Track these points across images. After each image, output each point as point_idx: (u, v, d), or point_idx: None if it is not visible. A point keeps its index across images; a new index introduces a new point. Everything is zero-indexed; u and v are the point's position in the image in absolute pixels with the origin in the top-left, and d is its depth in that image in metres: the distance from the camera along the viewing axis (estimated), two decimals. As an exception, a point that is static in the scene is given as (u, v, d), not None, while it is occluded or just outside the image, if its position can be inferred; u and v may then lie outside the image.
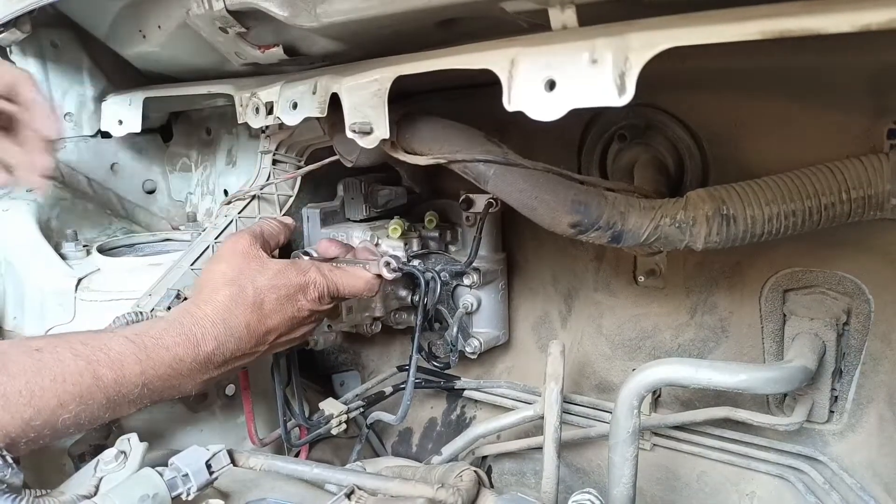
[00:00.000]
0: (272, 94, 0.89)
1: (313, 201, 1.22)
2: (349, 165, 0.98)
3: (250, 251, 0.89)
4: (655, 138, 1.03)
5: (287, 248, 1.14)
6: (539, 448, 0.95)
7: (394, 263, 0.95)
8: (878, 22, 0.42)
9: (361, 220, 1.18)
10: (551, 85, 0.57)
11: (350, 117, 0.77)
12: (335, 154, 0.99)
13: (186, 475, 0.66)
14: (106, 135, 1.27)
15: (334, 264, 0.97)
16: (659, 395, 1.11)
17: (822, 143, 0.87)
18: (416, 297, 1.08)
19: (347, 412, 1.11)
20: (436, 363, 1.18)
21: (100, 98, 1.28)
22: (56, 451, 0.89)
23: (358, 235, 1.12)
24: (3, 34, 1.08)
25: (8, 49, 1.20)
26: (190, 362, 0.80)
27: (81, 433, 0.77)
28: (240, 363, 0.88)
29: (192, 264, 0.98)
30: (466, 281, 1.15)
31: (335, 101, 0.79)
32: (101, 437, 0.92)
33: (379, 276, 0.95)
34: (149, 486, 0.63)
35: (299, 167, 1.13)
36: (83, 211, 1.28)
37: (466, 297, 1.18)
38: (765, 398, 1.03)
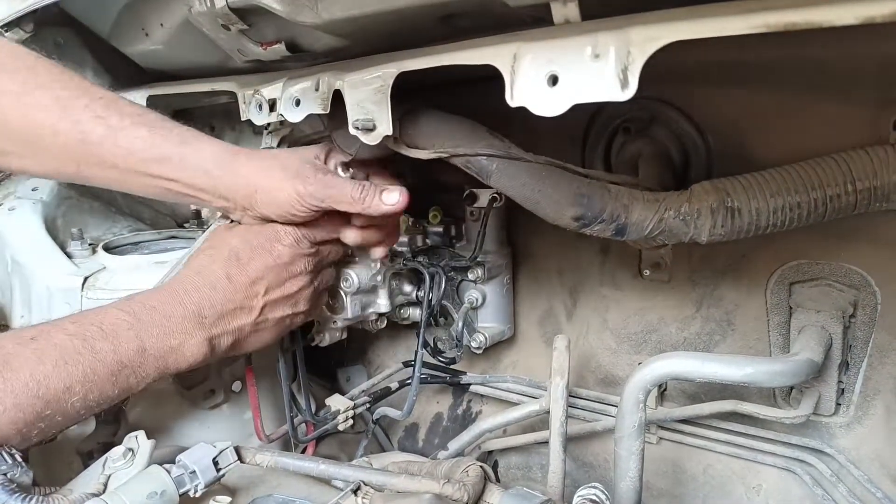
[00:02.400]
0: (275, 90, 0.89)
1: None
2: (348, 160, 0.98)
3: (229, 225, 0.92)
4: (660, 131, 1.03)
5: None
6: (545, 442, 0.95)
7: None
8: (883, 14, 0.42)
9: (365, 216, 1.18)
10: (554, 80, 0.57)
11: (353, 114, 0.77)
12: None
13: (194, 472, 0.67)
14: (110, 133, 1.27)
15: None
16: (665, 389, 1.11)
17: (828, 134, 0.86)
18: (421, 293, 1.08)
19: (354, 408, 1.11)
20: (441, 358, 1.18)
21: (103, 96, 1.28)
22: (64, 449, 0.90)
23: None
24: (6, 33, 1.08)
25: (11, 48, 1.20)
26: (180, 318, 0.80)
27: (92, 415, 0.77)
28: (238, 321, 0.85)
29: (197, 262, 0.98)
30: (471, 276, 1.15)
31: (338, 98, 0.79)
32: (108, 434, 0.93)
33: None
34: (157, 484, 0.64)
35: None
36: (89, 209, 1.28)
37: (471, 292, 1.18)
38: (771, 391, 1.03)
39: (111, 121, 0.84)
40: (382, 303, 1.08)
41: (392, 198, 0.86)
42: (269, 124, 1.05)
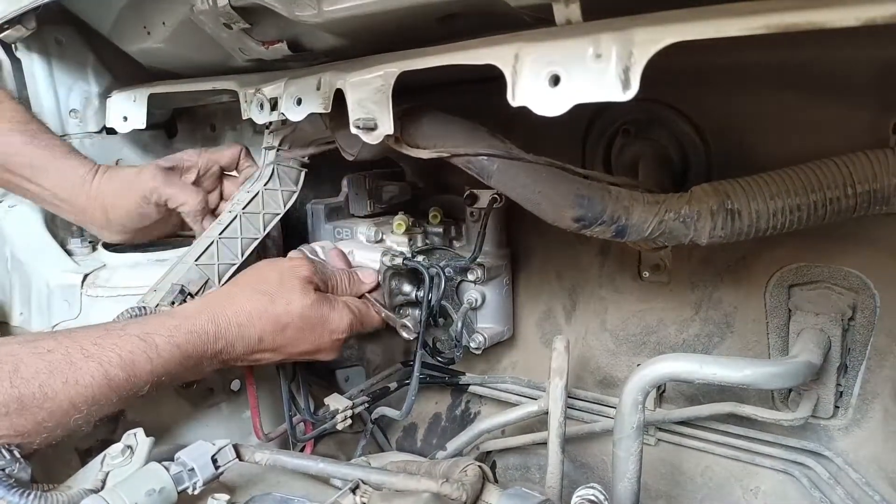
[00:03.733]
0: (276, 89, 0.89)
1: (318, 197, 1.22)
2: (350, 159, 0.98)
3: (303, 276, 0.91)
4: (660, 133, 1.03)
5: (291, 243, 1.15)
6: (543, 443, 0.95)
7: (410, 327, 1.03)
8: (883, 16, 0.42)
9: (366, 216, 1.18)
10: (555, 80, 0.57)
11: (354, 113, 0.77)
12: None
13: (192, 470, 0.67)
14: (111, 131, 1.27)
15: (366, 300, 1.01)
16: (663, 391, 1.11)
17: (828, 137, 0.86)
18: (421, 293, 1.08)
19: (352, 407, 1.11)
20: (440, 359, 1.18)
21: (104, 95, 1.28)
22: (63, 446, 0.90)
23: (362, 231, 1.12)
24: (7, 31, 1.09)
25: (13, 46, 1.21)
26: (198, 357, 0.81)
27: (91, 429, 0.78)
28: (254, 357, 0.89)
29: (196, 259, 0.98)
30: (471, 276, 1.15)
31: (339, 97, 0.79)
32: (107, 431, 0.92)
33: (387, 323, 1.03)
34: (155, 481, 0.64)
35: (303, 163, 1.13)
36: (89, 207, 1.28)
37: (471, 293, 1.18)
38: (769, 393, 1.03)
39: None
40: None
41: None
42: (270, 123, 1.06)
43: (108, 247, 1.13)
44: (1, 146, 0.93)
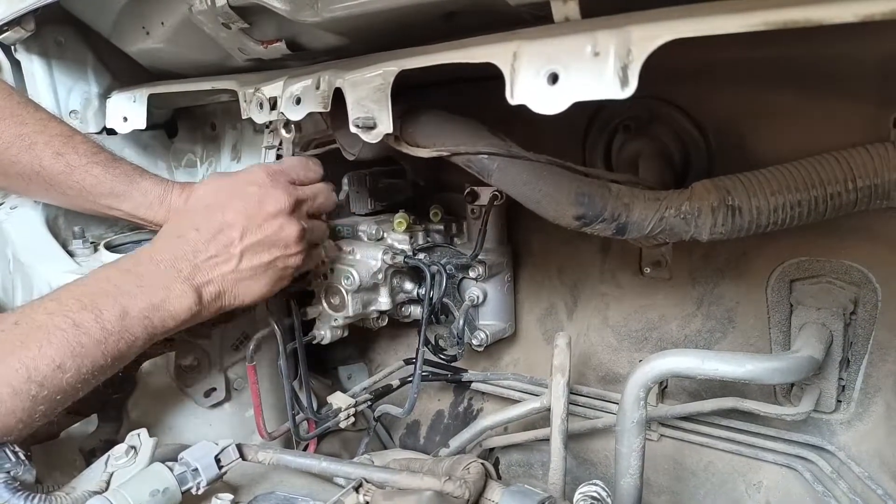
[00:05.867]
0: (275, 89, 0.89)
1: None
2: (351, 159, 0.98)
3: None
4: (660, 130, 1.03)
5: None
6: (546, 440, 0.95)
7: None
8: (882, 12, 0.42)
9: (366, 214, 1.18)
10: (554, 78, 0.57)
11: (353, 112, 0.77)
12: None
13: (196, 470, 0.67)
14: (111, 131, 1.27)
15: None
16: (666, 386, 1.11)
17: (828, 132, 0.86)
18: (422, 291, 1.08)
19: (355, 405, 1.11)
20: (442, 356, 1.19)
21: (105, 95, 1.28)
22: (67, 447, 0.91)
23: (363, 229, 1.12)
24: (7, 32, 1.09)
25: (13, 47, 1.21)
26: (154, 274, 0.79)
27: (91, 388, 0.76)
28: (218, 269, 0.83)
29: (198, 260, 0.98)
30: (472, 274, 1.15)
31: (338, 96, 0.79)
32: (111, 432, 0.93)
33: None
34: (159, 481, 0.64)
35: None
36: (90, 208, 1.28)
37: (472, 290, 1.18)
38: (772, 388, 1.03)
39: (69, 158, 0.97)
40: (383, 301, 1.09)
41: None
42: (270, 122, 1.06)
43: (110, 247, 1.13)
44: (87, 180, 0.98)
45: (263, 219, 0.86)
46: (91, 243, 1.16)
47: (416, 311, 1.16)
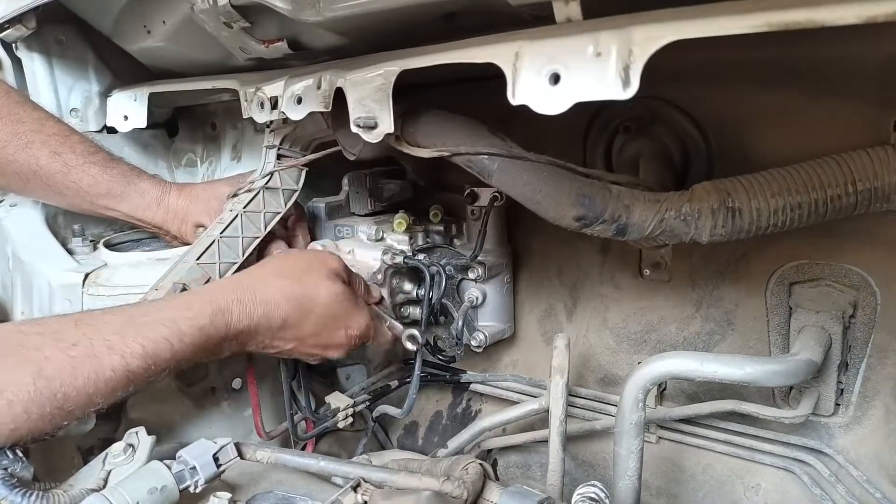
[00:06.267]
0: (276, 88, 0.89)
1: (318, 196, 1.22)
2: (352, 159, 0.98)
3: (332, 267, 0.90)
4: (661, 131, 1.03)
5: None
6: (544, 441, 0.95)
7: (418, 338, 1.03)
8: (885, 14, 0.42)
9: (366, 215, 1.18)
10: (555, 78, 0.57)
11: (354, 112, 0.77)
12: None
13: (194, 468, 0.67)
14: (112, 130, 1.27)
15: (380, 311, 1.02)
16: (664, 388, 1.11)
17: (829, 134, 0.86)
18: (422, 291, 1.08)
19: (353, 405, 1.11)
20: (441, 357, 1.18)
21: (105, 94, 1.28)
22: (65, 445, 0.90)
23: (363, 229, 1.12)
24: (8, 30, 1.09)
25: (13, 45, 1.21)
26: (219, 339, 0.79)
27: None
28: (264, 349, 0.87)
29: (197, 258, 0.98)
30: (471, 275, 1.15)
31: (339, 96, 0.79)
32: (109, 430, 0.93)
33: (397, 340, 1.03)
34: (157, 479, 0.64)
35: (304, 162, 1.13)
36: (90, 206, 1.28)
37: (472, 291, 1.18)
38: (770, 391, 1.03)
39: (66, 157, 0.99)
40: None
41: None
42: (270, 122, 1.06)
43: (110, 246, 1.13)
44: (84, 180, 1.00)
45: (324, 347, 0.91)
46: (90, 241, 1.16)
47: (415, 311, 1.16)
